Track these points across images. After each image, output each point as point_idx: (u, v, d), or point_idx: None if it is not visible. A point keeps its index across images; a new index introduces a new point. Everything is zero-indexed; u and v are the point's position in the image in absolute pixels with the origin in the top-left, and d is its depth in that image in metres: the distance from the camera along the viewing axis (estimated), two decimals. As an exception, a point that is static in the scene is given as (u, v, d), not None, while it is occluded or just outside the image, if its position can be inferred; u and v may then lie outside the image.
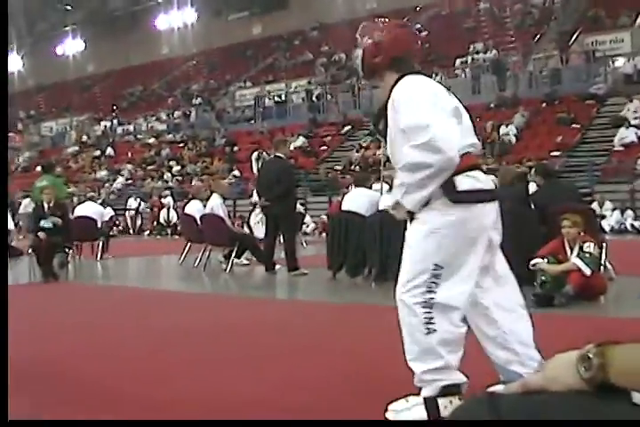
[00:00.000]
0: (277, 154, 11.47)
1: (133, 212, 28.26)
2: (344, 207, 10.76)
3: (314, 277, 10.83)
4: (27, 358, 5.32)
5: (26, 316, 7.87)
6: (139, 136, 37.99)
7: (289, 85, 34.27)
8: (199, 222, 12.72)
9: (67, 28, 47.74)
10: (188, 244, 13.46)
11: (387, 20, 3.88)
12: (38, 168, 26.28)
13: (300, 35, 39.46)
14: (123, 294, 9.90)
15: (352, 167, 24.83)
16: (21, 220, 22.79)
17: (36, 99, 47.98)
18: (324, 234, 16.33)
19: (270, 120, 32.21)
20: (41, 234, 11.54)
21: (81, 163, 37.01)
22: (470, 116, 3.69)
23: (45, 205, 11.81)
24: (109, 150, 37.16)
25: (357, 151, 26.21)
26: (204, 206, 13.00)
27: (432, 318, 3.46)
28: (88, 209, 15.14)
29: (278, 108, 33.05)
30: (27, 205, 24.68)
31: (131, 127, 39.27)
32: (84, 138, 39.82)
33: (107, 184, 32.43)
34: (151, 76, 44.33)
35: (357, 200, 10.56)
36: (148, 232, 27.02)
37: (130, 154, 35.87)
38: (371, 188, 11.09)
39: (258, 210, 14.64)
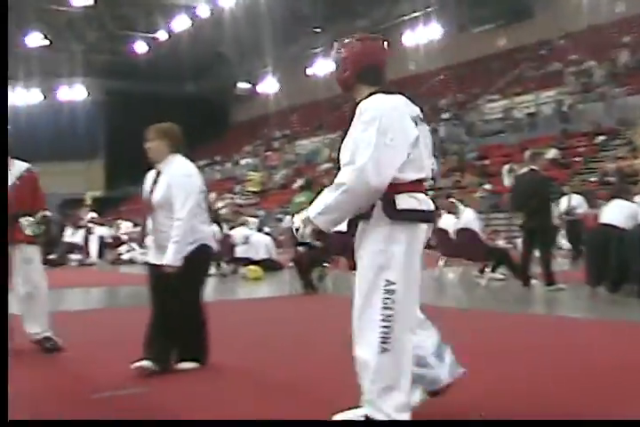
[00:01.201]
0: (532, 166, 11.29)
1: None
2: (602, 220, 10.49)
3: (572, 293, 10.63)
4: (287, 367, 5.61)
5: (286, 325, 8.27)
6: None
7: (538, 96, 33.61)
8: (453, 237, 12.79)
9: (316, 50, 49.33)
10: (443, 258, 13.57)
11: (356, 35, 4.10)
12: (294, 185, 27.26)
13: (547, 44, 38.59)
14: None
15: (607, 179, 23.97)
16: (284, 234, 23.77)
17: (290, 119, 49.85)
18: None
19: (520, 132, 31.72)
20: (301, 248, 12.05)
21: (333, 179, 37.96)
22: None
23: (306, 221, 12.30)
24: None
25: (613, 162, 25.27)
26: (458, 220, 13.05)
27: (388, 338, 3.62)
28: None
29: (528, 120, 32.50)
30: (288, 221, 25.82)
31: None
32: (336, 155, 40.73)
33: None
34: (400, 92, 44.95)
35: (616, 213, 10.26)
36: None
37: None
38: (630, 200, 10.73)
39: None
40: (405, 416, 3.65)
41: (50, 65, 48.20)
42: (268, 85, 50.36)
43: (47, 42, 45.29)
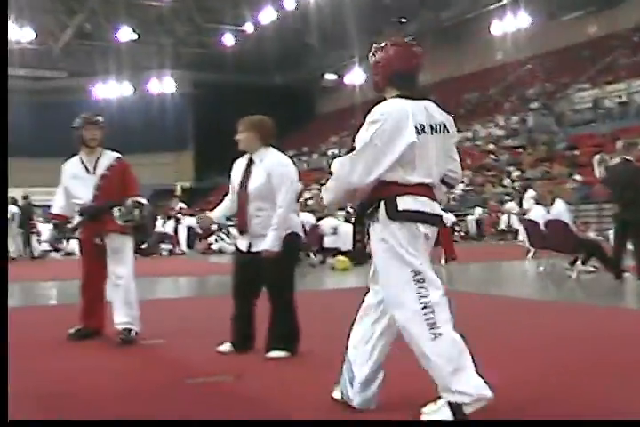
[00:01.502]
0: (625, 157, 11.01)
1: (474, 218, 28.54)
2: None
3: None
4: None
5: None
6: (477, 142, 38.15)
7: (630, 85, 32.84)
8: (543, 228, 12.60)
9: (403, 40, 49.16)
10: (532, 249, 13.38)
11: (392, 39, 4.14)
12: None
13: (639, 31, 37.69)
14: (465, 299, 10.01)
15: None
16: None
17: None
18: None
19: (611, 122, 31.08)
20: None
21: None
22: None
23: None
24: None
25: None
26: (548, 212, 12.84)
27: (435, 323, 3.69)
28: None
29: (620, 109, 31.81)
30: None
31: (469, 134, 39.47)
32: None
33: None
34: (487, 82, 44.44)
35: None
36: (487, 238, 27.12)
37: (469, 160, 36.11)
38: None
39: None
40: (487, 392, 3.65)
41: (140, 58, 49.12)
42: (355, 76, 50.27)
43: (136, 36, 46.13)
